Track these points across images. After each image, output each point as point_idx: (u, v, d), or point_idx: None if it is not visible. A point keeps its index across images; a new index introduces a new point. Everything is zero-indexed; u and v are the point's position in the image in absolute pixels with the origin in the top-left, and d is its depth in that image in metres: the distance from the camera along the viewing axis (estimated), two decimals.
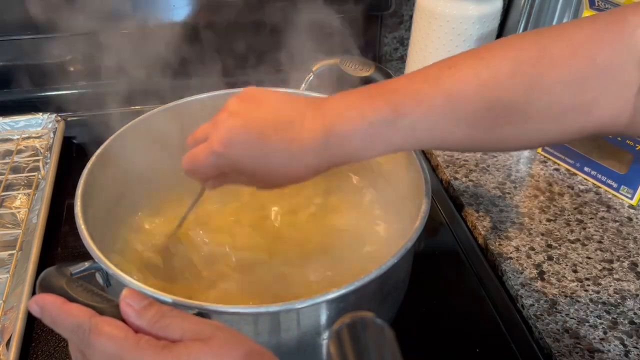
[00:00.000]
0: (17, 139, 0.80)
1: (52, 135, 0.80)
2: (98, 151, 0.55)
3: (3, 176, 0.72)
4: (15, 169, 0.75)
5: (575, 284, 0.60)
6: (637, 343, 0.54)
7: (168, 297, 0.39)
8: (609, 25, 0.39)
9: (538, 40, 0.41)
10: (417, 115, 0.41)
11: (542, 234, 0.66)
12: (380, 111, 0.41)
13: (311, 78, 0.67)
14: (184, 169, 0.47)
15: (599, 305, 0.58)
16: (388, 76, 0.64)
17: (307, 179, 0.44)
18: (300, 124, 0.42)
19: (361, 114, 0.42)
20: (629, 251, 0.64)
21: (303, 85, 0.67)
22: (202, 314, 0.39)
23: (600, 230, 0.67)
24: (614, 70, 0.39)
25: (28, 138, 0.81)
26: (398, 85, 0.43)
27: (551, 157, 0.78)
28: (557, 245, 0.65)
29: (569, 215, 0.69)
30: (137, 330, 0.34)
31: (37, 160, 0.76)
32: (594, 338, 0.54)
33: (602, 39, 0.39)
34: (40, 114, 0.83)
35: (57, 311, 0.34)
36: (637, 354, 0.53)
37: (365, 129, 0.42)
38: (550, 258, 0.63)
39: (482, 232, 0.67)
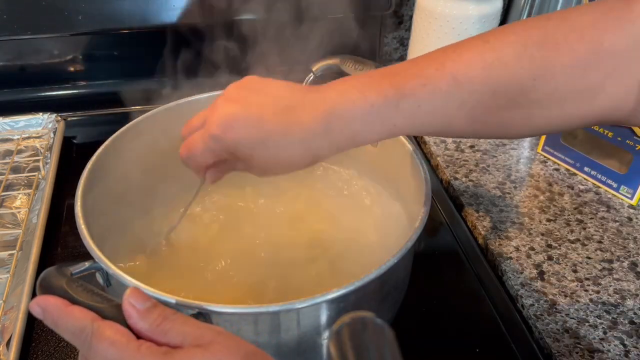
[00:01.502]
0: (17, 139, 0.80)
1: (52, 135, 0.79)
2: (98, 151, 0.55)
3: (3, 176, 0.72)
4: (15, 169, 0.75)
5: (575, 284, 0.60)
6: (637, 343, 0.54)
7: (171, 298, 0.39)
8: (614, 12, 0.39)
9: (543, 24, 0.40)
10: (420, 96, 0.40)
11: (542, 234, 0.66)
12: (383, 92, 0.40)
13: (311, 78, 0.67)
14: (181, 158, 0.46)
15: (599, 305, 0.58)
16: None
17: (305, 166, 0.43)
18: (300, 107, 0.42)
19: (363, 95, 0.41)
20: (629, 251, 0.64)
21: (303, 85, 0.67)
22: (203, 313, 0.39)
23: (600, 230, 0.67)
24: (618, 57, 0.38)
25: (28, 138, 0.81)
26: (401, 69, 0.42)
27: (551, 157, 0.78)
28: (557, 245, 0.65)
29: (569, 215, 0.69)
30: (137, 332, 0.34)
31: (37, 160, 0.75)
32: (594, 338, 0.54)
33: (606, 25, 0.38)
34: (40, 114, 0.83)
35: (59, 313, 0.34)
36: (637, 354, 0.53)
37: (367, 110, 0.41)
38: (550, 258, 0.63)
39: (482, 232, 0.67)
